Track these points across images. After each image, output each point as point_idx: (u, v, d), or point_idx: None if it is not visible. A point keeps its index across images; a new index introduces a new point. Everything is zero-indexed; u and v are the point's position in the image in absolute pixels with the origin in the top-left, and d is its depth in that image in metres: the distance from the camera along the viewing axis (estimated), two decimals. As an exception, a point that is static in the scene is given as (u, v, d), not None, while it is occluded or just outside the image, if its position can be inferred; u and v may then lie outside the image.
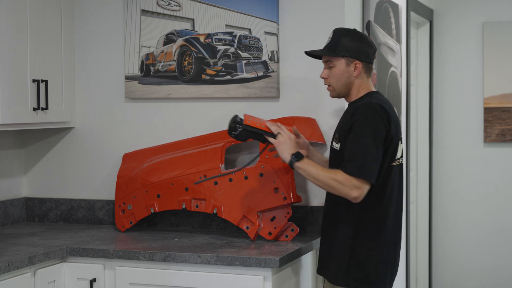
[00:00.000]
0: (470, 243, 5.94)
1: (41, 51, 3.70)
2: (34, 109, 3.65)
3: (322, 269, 3.17)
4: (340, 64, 3.09)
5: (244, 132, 3.11)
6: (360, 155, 2.93)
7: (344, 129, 3.03)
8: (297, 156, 3.03)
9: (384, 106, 3.01)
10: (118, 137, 3.98)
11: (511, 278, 5.85)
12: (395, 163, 3.05)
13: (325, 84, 3.16)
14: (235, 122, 3.10)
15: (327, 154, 3.57)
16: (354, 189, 2.92)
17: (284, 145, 3.07)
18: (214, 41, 3.75)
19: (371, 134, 2.94)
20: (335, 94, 3.16)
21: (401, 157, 3.10)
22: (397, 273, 3.17)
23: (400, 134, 3.10)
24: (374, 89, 3.15)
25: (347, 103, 3.19)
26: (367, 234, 3.02)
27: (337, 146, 3.07)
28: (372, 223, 3.02)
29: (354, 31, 3.14)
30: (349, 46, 3.08)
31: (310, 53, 3.20)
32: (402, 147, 3.10)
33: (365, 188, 2.94)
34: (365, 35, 3.17)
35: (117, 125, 3.99)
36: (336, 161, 3.07)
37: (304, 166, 3.02)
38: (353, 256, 3.02)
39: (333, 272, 3.08)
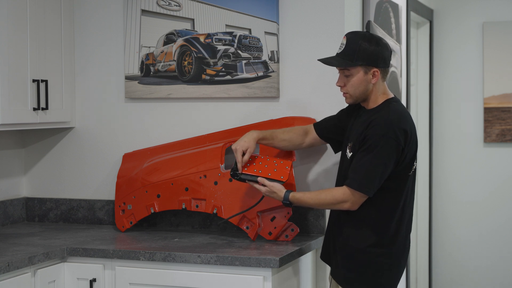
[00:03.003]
0: (470, 243, 5.94)
1: (41, 51, 3.70)
2: (34, 109, 3.65)
3: (334, 270, 3.14)
4: (358, 72, 2.99)
5: (242, 177, 3.26)
6: (363, 170, 2.93)
7: (358, 140, 2.99)
8: (286, 198, 3.12)
9: (404, 127, 2.93)
10: (118, 137, 3.98)
11: (511, 278, 5.85)
12: (411, 173, 3.02)
13: (341, 91, 3.09)
14: (234, 169, 3.27)
15: (327, 153, 3.59)
16: (349, 201, 2.96)
17: (273, 194, 3.17)
18: (214, 41, 3.75)
19: (381, 152, 2.90)
20: (352, 101, 3.07)
21: (416, 163, 3.06)
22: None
23: (417, 145, 3.04)
24: (391, 94, 3.07)
25: (353, 103, 3.11)
26: (382, 240, 2.99)
27: (349, 155, 3.05)
28: (388, 230, 2.99)
29: (369, 34, 3.01)
30: (367, 53, 2.95)
31: (325, 62, 3.07)
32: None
33: (360, 200, 2.97)
34: (379, 37, 3.04)
35: (117, 125, 3.98)
36: (346, 168, 3.06)
37: (299, 200, 3.11)
38: (367, 262, 3.00)
39: (344, 276, 3.06)
